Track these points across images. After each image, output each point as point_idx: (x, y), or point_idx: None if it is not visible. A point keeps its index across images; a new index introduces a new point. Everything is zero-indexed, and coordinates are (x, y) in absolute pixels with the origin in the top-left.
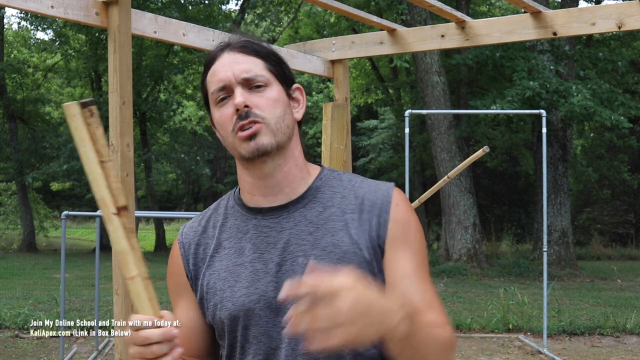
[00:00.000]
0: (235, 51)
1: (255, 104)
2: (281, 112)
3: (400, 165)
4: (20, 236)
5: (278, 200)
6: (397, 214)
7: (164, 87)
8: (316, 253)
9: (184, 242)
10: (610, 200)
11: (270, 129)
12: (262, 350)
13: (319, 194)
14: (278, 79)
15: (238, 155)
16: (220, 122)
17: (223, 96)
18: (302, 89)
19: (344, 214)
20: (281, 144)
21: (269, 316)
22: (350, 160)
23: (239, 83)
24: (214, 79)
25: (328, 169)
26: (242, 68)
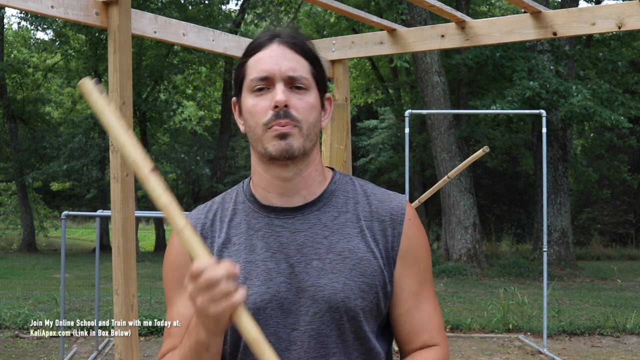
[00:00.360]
0: (286, 45)
1: (294, 105)
2: (315, 119)
3: (400, 165)
4: (20, 236)
5: (293, 201)
6: (410, 229)
7: (164, 87)
8: (331, 257)
9: None
10: (610, 200)
11: (302, 133)
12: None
13: (333, 198)
14: (318, 85)
15: (263, 150)
16: (253, 112)
17: (262, 86)
18: (332, 99)
19: (359, 220)
20: (307, 150)
21: (279, 317)
22: (350, 160)
23: (282, 79)
24: (258, 66)
25: (339, 172)
26: (290, 65)
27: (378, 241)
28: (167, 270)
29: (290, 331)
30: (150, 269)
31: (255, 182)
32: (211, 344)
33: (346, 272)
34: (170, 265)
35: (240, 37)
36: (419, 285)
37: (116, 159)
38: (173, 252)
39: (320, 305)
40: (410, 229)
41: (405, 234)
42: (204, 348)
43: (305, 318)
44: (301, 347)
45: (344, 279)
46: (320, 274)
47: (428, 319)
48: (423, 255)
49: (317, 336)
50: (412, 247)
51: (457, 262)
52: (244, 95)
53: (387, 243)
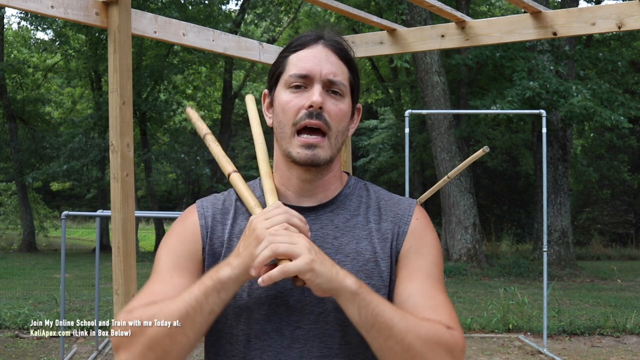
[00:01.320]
0: (331, 49)
1: (329, 109)
2: (344, 127)
3: (400, 165)
4: (20, 236)
5: (310, 202)
6: (416, 228)
7: (164, 87)
8: (340, 258)
9: (205, 215)
10: (610, 200)
11: (330, 142)
12: (271, 347)
13: (347, 202)
14: (352, 94)
15: (287, 152)
16: (286, 108)
17: (300, 84)
18: (361, 110)
19: (368, 223)
20: (332, 159)
21: (284, 314)
22: (350, 160)
23: (321, 81)
24: (299, 63)
25: (354, 178)
26: (332, 70)
27: (385, 241)
28: (172, 237)
29: (294, 329)
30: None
31: (276, 178)
32: (226, 286)
33: (353, 274)
34: (177, 235)
35: (240, 37)
36: (425, 278)
37: (116, 159)
38: (183, 226)
39: (326, 305)
40: (416, 228)
41: (410, 232)
42: (216, 289)
43: (310, 317)
44: (304, 345)
45: None
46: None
47: (437, 304)
48: (431, 252)
49: (320, 336)
50: (417, 243)
51: (457, 262)
52: (278, 89)
53: (393, 242)
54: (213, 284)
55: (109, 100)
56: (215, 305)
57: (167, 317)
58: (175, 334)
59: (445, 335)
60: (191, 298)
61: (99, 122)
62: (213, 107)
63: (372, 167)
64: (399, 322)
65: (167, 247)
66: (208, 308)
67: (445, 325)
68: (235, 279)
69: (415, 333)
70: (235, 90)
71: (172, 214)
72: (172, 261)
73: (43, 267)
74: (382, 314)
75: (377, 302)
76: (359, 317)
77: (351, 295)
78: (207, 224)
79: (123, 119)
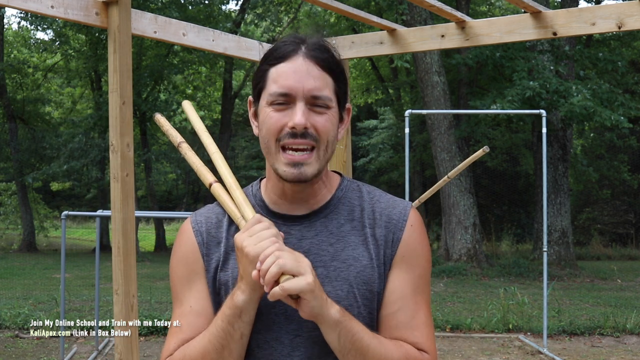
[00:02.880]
0: (313, 61)
1: (313, 124)
2: (332, 137)
3: (400, 165)
4: (20, 236)
5: (302, 209)
6: (410, 236)
7: (164, 87)
8: (336, 265)
9: (200, 231)
10: (610, 200)
11: (318, 155)
12: (272, 355)
13: (340, 206)
14: (339, 101)
15: (274, 168)
16: (268, 125)
17: (282, 101)
18: (350, 110)
19: (364, 227)
20: (321, 170)
21: (283, 322)
22: (350, 160)
23: (304, 98)
24: (280, 80)
25: (347, 178)
26: (315, 85)
27: (379, 247)
28: (176, 266)
29: (294, 337)
30: (150, 269)
31: (269, 187)
32: (245, 309)
33: (350, 280)
34: (180, 260)
35: (240, 37)
36: (412, 292)
37: (116, 159)
38: (182, 247)
39: None
40: (410, 236)
41: (404, 239)
42: (237, 316)
43: (307, 324)
44: (304, 353)
45: (348, 286)
46: (324, 282)
47: (417, 324)
48: (420, 264)
49: (320, 342)
50: (410, 253)
51: (457, 262)
52: (261, 104)
53: (387, 248)
54: (233, 312)
55: (109, 100)
56: (243, 329)
57: (206, 353)
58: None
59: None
60: (219, 330)
61: (99, 122)
62: (213, 107)
63: (372, 167)
64: (374, 349)
65: (176, 275)
66: (237, 334)
67: (420, 349)
68: (250, 300)
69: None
70: (235, 90)
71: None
72: (186, 289)
73: (43, 267)
74: (359, 342)
75: (357, 329)
76: (338, 343)
77: (334, 323)
78: (203, 240)
79: (123, 119)
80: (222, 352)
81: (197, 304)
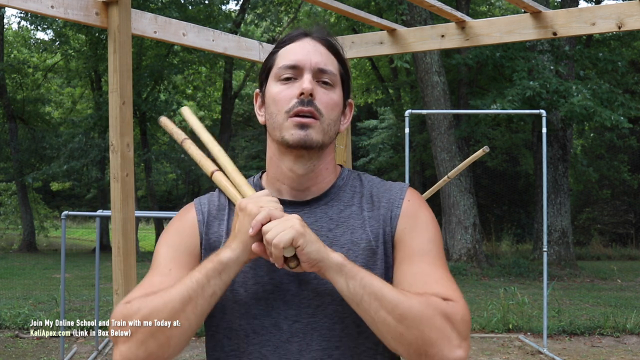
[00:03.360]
0: (319, 41)
1: (319, 98)
2: (335, 117)
3: (400, 165)
4: (21, 236)
5: (303, 196)
6: (408, 208)
7: (164, 87)
8: (335, 249)
9: (202, 210)
10: (610, 200)
11: (322, 127)
12: (270, 341)
13: (341, 193)
14: (343, 86)
15: (280, 138)
16: (277, 99)
17: (289, 75)
18: (352, 105)
19: (362, 211)
20: (325, 145)
21: (281, 308)
22: (350, 160)
23: (311, 70)
24: (288, 55)
25: (348, 169)
26: (321, 59)
27: (379, 228)
28: (168, 235)
29: (292, 323)
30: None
31: (270, 175)
32: (227, 267)
33: None
34: (175, 230)
35: (240, 37)
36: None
37: (116, 159)
38: (181, 221)
39: (323, 299)
40: (408, 209)
41: (402, 214)
42: (217, 271)
43: (307, 310)
44: (303, 339)
45: None
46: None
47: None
48: (426, 229)
49: (320, 329)
50: (411, 224)
51: (457, 262)
52: (269, 84)
53: (387, 227)
54: (214, 266)
55: (109, 100)
56: (217, 287)
57: (168, 302)
58: (177, 317)
59: (442, 304)
60: (192, 281)
61: (99, 122)
62: (213, 107)
63: (372, 167)
64: (389, 292)
65: (165, 241)
66: (210, 290)
67: (442, 297)
68: (236, 260)
69: (407, 303)
70: (235, 90)
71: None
72: (170, 255)
73: (43, 267)
74: (370, 285)
75: (364, 274)
76: (348, 290)
77: (337, 267)
78: (204, 219)
79: (123, 119)
80: (188, 303)
81: (177, 272)
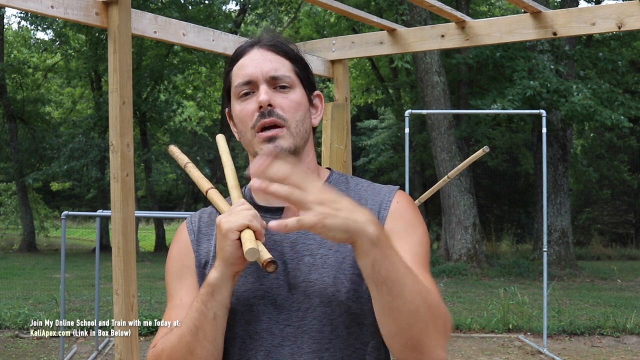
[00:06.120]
0: (266, 49)
1: (279, 104)
2: (302, 116)
3: (400, 165)
4: (21, 236)
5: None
6: (396, 210)
7: (164, 87)
8: (322, 252)
9: (193, 229)
10: (610, 200)
11: (290, 132)
12: (263, 346)
13: None
14: (302, 83)
15: (254, 154)
16: (241, 117)
17: (247, 91)
18: (322, 96)
19: None
20: (299, 147)
21: (272, 313)
22: (350, 160)
23: (265, 80)
24: (240, 72)
25: (336, 172)
26: (271, 66)
27: None
28: (171, 262)
29: (283, 327)
30: (150, 269)
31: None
32: (217, 287)
33: (337, 266)
34: (174, 256)
35: (240, 37)
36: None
37: (116, 159)
38: (178, 244)
39: (312, 301)
40: (396, 210)
41: (390, 215)
42: (210, 294)
43: (297, 314)
44: (294, 342)
45: (335, 272)
46: (311, 270)
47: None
48: (414, 232)
49: (309, 332)
50: (398, 225)
51: (457, 262)
52: (232, 103)
53: None
54: (206, 290)
55: (109, 100)
56: (216, 309)
57: (181, 337)
58: (193, 349)
59: (444, 309)
60: (194, 312)
61: (99, 122)
62: (213, 107)
63: (372, 167)
64: (411, 284)
65: (169, 271)
66: (211, 314)
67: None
68: (222, 278)
69: (423, 298)
70: None
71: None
72: (177, 284)
73: (43, 267)
74: (396, 272)
75: (394, 257)
76: (372, 271)
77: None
78: (195, 237)
79: (123, 119)
80: (197, 333)
81: (187, 297)
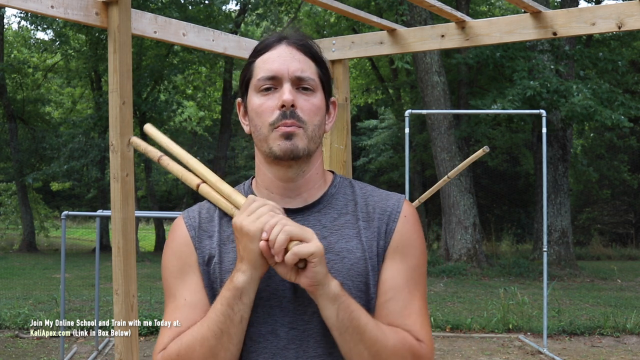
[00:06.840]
0: (294, 47)
1: (301, 106)
2: (319, 121)
3: (400, 165)
4: (21, 236)
5: (295, 203)
6: (404, 227)
7: (164, 87)
8: (330, 257)
9: (192, 225)
10: (610, 200)
11: (307, 134)
12: (267, 349)
13: (333, 201)
14: (324, 88)
15: (267, 150)
16: (259, 111)
17: (269, 86)
18: (336, 103)
19: (357, 221)
20: (312, 151)
21: (278, 315)
22: (350, 160)
23: (290, 79)
24: (265, 65)
25: (340, 176)
26: (298, 66)
27: (373, 239)
28: (169, 260)
29: (289, 330)
30: (150, 269)
31: (259, 182)
32: (245, 290)
33: (344, 272)
34: (173, 254)
35: (240, 37)
36: (405, 282)
37: (116, 159)
38: (176, 240)
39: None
40: (404, 227)
41: (397, 230)
42: (237, 297)
43: (303, 317)
44: (300, 346)
45: (342, 278)
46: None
47: (410, 313)
48: (415, 255)
49: (315, 335)
50: (404, 244)
51: (457, 262)
52: (250, 95)
53: (381, 240)
54: (233, 293)
55: (109, 100)
56: (243, 311)
57: (204, 341)
58: (217, 353)
59: (415, 345)
60: (219, 315)
61: (99, 122)
62: (213, 107)
63: (372, 167)
64: (371, 329)
65: (168, 269)
66: (237, 317)
67: (415, 337)
68: (251, 281)
69: (384, 342)
70: (235, 90)
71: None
72: (178, 283)
73: (43, 267)
74: (357, 319)
75: (355, 306)
76: (336, 319)
77: (334, 296)
78: (196, 234)
79: (123, 119)
80: (222, 337)
81: (191, 296)
